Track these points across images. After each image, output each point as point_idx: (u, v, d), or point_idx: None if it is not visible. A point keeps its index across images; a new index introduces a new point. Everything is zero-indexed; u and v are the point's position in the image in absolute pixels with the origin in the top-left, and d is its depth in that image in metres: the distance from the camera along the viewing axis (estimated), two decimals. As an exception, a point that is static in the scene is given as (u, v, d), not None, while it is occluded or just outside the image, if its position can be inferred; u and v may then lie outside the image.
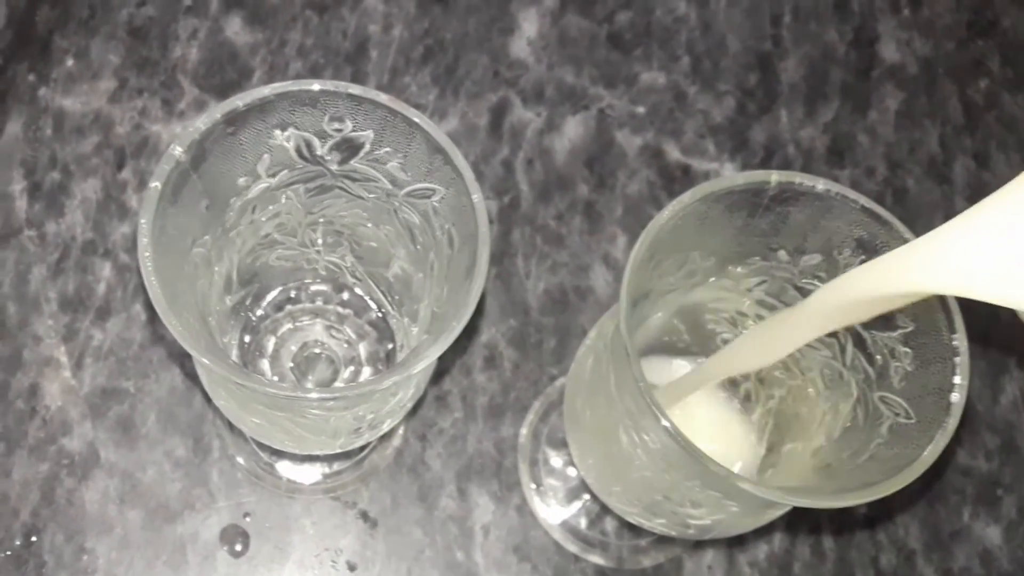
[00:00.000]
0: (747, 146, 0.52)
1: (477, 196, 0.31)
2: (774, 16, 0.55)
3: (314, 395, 0.31)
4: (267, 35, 0.53)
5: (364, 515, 0.45)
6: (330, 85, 0.32)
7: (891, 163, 0.53)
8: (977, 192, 0.52)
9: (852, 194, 0.32)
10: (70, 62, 0.52)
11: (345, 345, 0.43)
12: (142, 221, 0.30)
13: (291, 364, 0.43)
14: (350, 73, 0.52)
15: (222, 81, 0.52)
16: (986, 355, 0.50)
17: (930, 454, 0.29)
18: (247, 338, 0.42)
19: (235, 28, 0.53)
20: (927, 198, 0.52)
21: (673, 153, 0.52)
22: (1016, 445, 0.49)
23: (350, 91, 0.32)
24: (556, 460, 0.47)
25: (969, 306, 0.50)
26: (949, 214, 0.51)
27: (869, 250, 0.32)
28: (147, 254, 0.30)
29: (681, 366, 0.39)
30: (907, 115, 0.54)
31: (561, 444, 0.47)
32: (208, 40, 0.52)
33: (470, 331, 0.48)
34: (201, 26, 0.53)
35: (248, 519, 0.45)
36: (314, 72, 0.52)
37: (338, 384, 0.42)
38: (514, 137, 0.51)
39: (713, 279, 0.35)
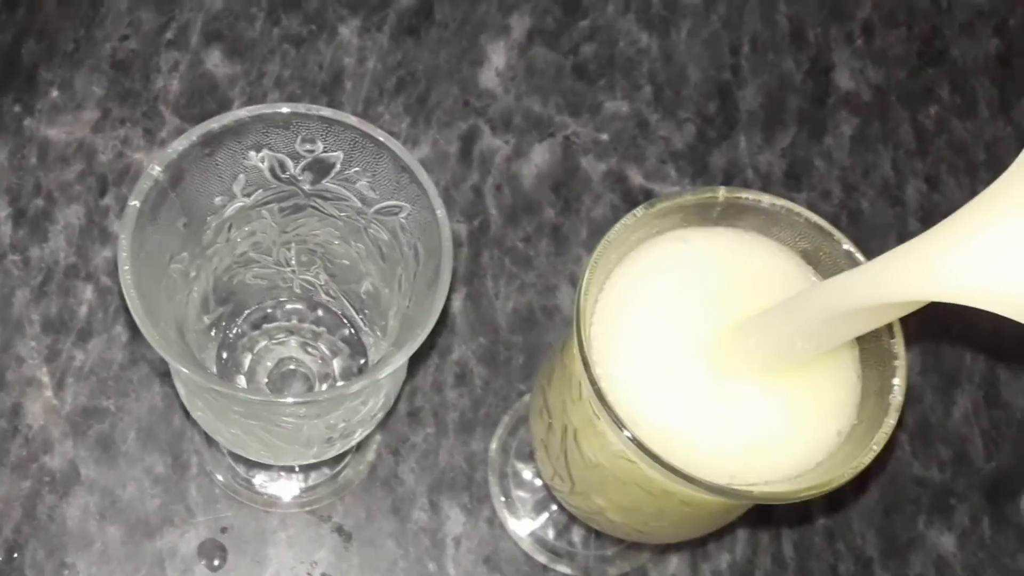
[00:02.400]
0: (707, 171, 0.54)
1: (441, 211, 0.33)
2: (733, 47, 0.57)
3: (287, 400, 0.33)
4: (246, 67, 0.55)
5: (339, 528, 0.47)
6: (301, 108, 0.34)
7: (846, 186, 0.55)
8: (929, 214, 0.54)
9: (796, 208, 0.34)
10: (55, 93, 0.53)
11: (319, 361, 0.44)
12: (122, 237, 0.32)
13: (267, 380, 0.44)
14: (326, 102, 0.54)
15: (202, 111, 0.54)
16: (939, 368, 0.52)
17: (871, 452, 0.31)
18: (224, 354, 0.43)
19: (215, 60, 0.55)
20: (881, 220, 0.54)
21: (636, 178, 0.54)
22: (968, 456, 0.50)
23: (321, 113, 0.34)
24: (525, 473, 0.49)
25: (921, 320, 0.52)
26: (902, 234, 0.54)
27: (813, 261, 0.34)
28: (126, 268, 0.32)
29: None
30: (861, 140, 0.56)
31: (529, 457, 0.48)
32: (189, 72, 0.54)
33: (442, 349, 0.50)
34: (182, 59, 0.55)
35: (226, 534, 0.46)
36: (291, 102, 0.54)
37: (312, 397, 0.44)
38: (483, 163, 0.53)
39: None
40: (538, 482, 0.48)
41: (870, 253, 0.52)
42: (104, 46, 0.55)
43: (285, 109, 0.34)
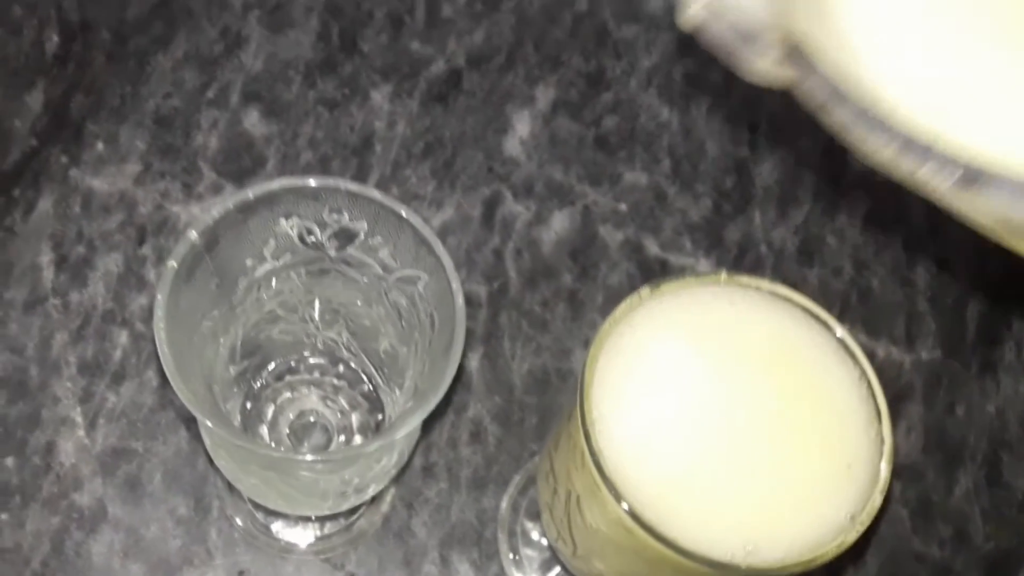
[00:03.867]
0: (722, 244, 0.56)
1: (456, 284, 0.35)
2: (751, 124, 0.59)
3: (305, 457, 0.35)
4: (281, 127, 0.57)
5: (350, 576, 0.48)
6: (330, 182, 0.36)
7: (857, 263, 0.56)
8: (937, 294, 0.56)
9: (791, 294, 0.35)
10: (100, 146, 0.56)
11: (339, 415, 0.46)
12: (159, 297, 0.34)
13: (288, 430, 0.46)
14: (356, 164, 0.57)
15: (238, 168, 0.56)
16: (942, 447, 0.53)
17: (855, 531, 0.32)
18: (248, 404, 0.45)
19: (252, 120, 0.57)
20: (890, 298, 0.56)
21: (652, 248, 0.55)
22: (968, 535, 0.51)
23: (348, 188, 0.36)
24: (533, 532, 0.50)
25: (926, 399, 0.54)
26: (911, 313, 0.55)
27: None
28: (161, 326, 0.34)
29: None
30: (873, 220, 0.58)
31: (538, 517, 0.50)
32: (227, 130, 0.57)
33: (458, 407, 0.51)
34: (221, 117, 0.57)
35: (241, 576, 0.48)
36: (323, 162, 0.57)
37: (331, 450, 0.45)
38: (505, 228, 0.55)
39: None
40: (545, 542, 0.50)
41: (877, 332, 0.54)
42: (148, 103, 0.57)
43: (315, 183, 0.36)
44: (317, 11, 0.60)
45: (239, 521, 0.49)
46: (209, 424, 0.33)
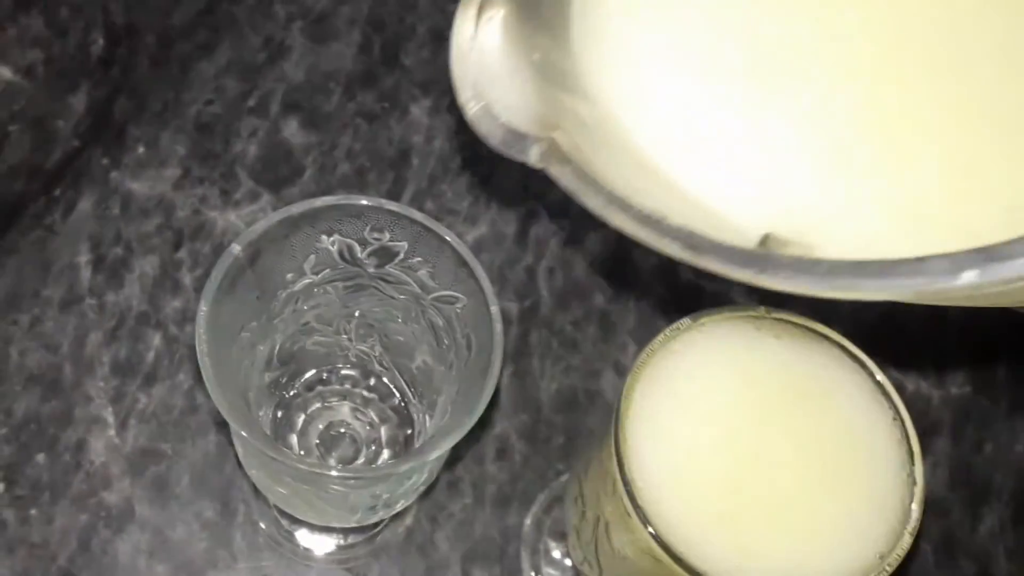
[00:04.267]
0: (754, 270, 0.56)
1: (495, 308, 0.36)
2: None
3: (337, 473, 0.35)
4: (320, 138, 0.58)
5: (372, 588, 0.49)
6: (373, 201, 0.37)
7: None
8: (969, 330, 0.55)
9: (831, 333, 0.36)
10: (141, 149, 0.57)
11: (368, 427, 0.47)
12: (202, 308, 0.34)
13: (317, 440, 0.46)
14: (392, 177, 0.57)
15: (276, 177, 0.57)
16: (968, 484, 0.53)
17: (884, 572, 0.32)
18: (279, 413, 0.46)
19: (292, 130, 0.58)
20: (922, 333, 0.56)
21: (686, 274, 0.56)
22: (991, 573, 0.51)
23: (390, 208, 0.37)
24: (556, 552, 0.50)
25: (953, 436, 0.53)
26: (942, 349, 0.55)
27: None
28: (203, 336, 0.34)
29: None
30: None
31: (561, 537, 0.50)
32: (266, 139, 0.58)
33: (485, 423, 0.52)
34: (261, 126, 0.58)
35: (265, 582, 0.48)
36: (360, 174, 0.57)
37: (359, 463, 0.46)
38: (538, 246, 0.56)
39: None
40: (568, 562, 0.50)
41: (907, 365, 0.54)
42: (190, 109, 0.58)
43: (362, 202, 0.36)
44: (360, 24, 0.61)
45: (264, 526, 0.49)
46: (244, 435, 0.34)
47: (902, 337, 0.55)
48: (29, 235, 0.54)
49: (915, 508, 0.33)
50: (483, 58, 0.30)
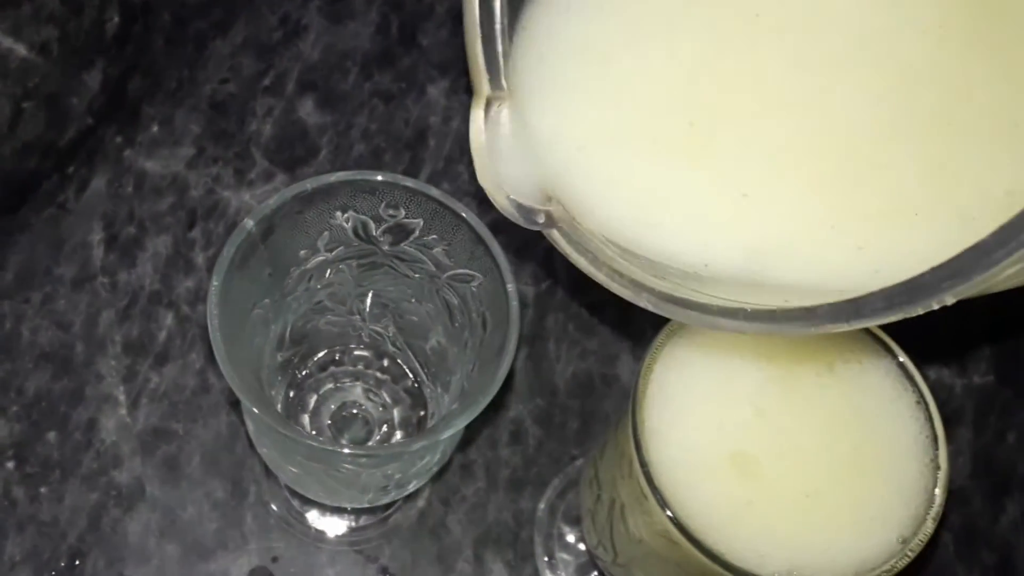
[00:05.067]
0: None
1: (511, 285, 0.35)
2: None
3: (349, 451, 0.35)
4: (335, 118, 0.57)
5: (384, 570, 0.48)
6: (389, 177, 0.36)
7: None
8: (993, 319, 0.54)
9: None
10: (155, 128, 0.56)
11: (381, 408, 0.46)
12: (214, 283, 0.34)
13: (329, 421, 0.46)
14: (408, 158, 0.56)
15: (291, 156, 0.56)
16: (990, 474, 0.52)
17: (906, 557, 0.32)
18: (292, 393, 0.45)
19: (307, 109, 0.57)
20: (945, 321, 0.55)
21: (703, 256, 0.55)
22: (1013, 563, 0.50)
23: (406, 184, 0.36)
24: (570, 536, 0.50)
25: (976, 425, 0.53)
26: (966, 337, 0.54)
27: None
28: (215, 311, 0.34)
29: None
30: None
31: (575, 521, 0.50)
32: (281, 118, 0.57)
33: (499, 406, 0.51)
34: (276, 105, 0.57)
35: (276, 563, 0.48)
36: (375, 154, 0.57)
37: (371, 444, 0.45)
38: (555, 229, 0.55)
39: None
40: (582, 547, 0.49)
41: (930, 354, 0.53)
42: (205, 87, 0.58)
43: (377, 177, 0.36)
44: (377, 3, 0.60)
45: (275, 507, 0.49)
46: (256, 412, 0.33)
47: (924, 325, 0.54)
48: (42, 213, 0.54)
49: (939, 493, 0.32)
50: (493, 144, 0.36)
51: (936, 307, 0.24)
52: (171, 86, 0.57)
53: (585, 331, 0.53)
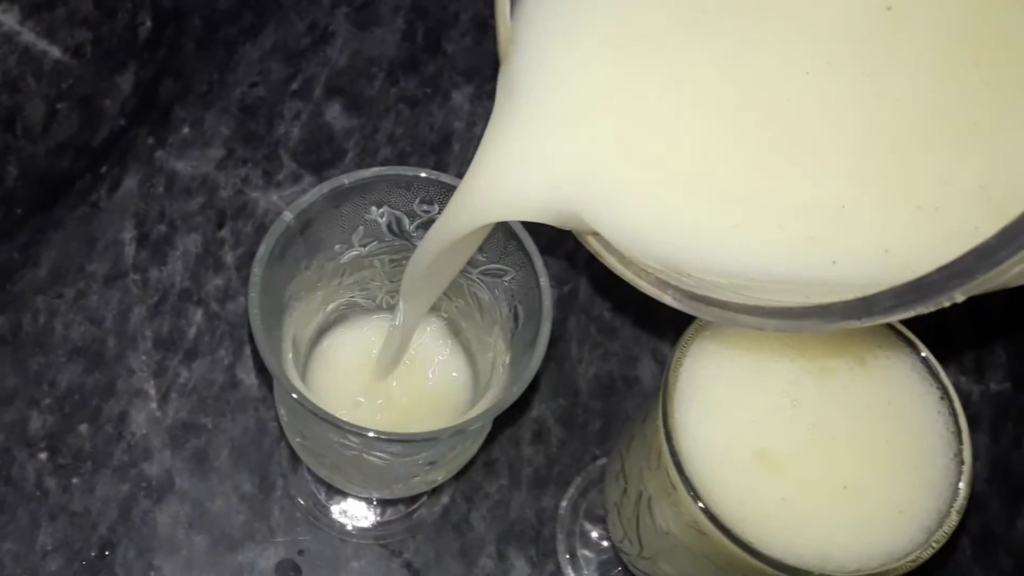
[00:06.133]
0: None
1: (544, 280, 0.36)
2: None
3: (383, 436, 0.36)
4: (362, 122, 0.58)
5: (408, 564, 0.49)
6: (424, 173, 0.37)
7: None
8: (1011, 326, 0.55)
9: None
10: (186, 130, 0.58)
11: (407, 402, 0.47)
12: (255, 272, 0.35)
13: (357, 415, 0.47)
14: (433, 162, 0.57)
15: (318, 159, 0.57)
16: (1007, 479, 0.52)
17: (930, 548, 0.32)
18: (321, 386, 0.46)
19: (334, 113, 0.58)
20: (963, 328, 0.55)
21: (723, 260, 0.56)
22: (1028, 567, 0.51)
23: (441, 179, 0.37)
24: (592, 533, 0.50)
25: (993, 430, 0.53)
26: (984, 344, 0.55)
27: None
28: (255, 299, 0.35)
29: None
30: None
31: (597, 519, 0.50)
32: (309, 122, 0.58)
33: (522, 405, 0.52)
34: (304, 109, 0.58)
35: (302, 556, 0.48)
36: (401, 158, 0.58)
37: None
38: (578, 232, 0.56)
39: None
40: (604, 543, 0.50)
41: (947, 360, 0.54)
42: (235, 91, 0.59)
43: (412, 173, 0.37)
44: (404, 11, 0.61)
45: (301, 501, 0.50)
46: (294, 397, 0.34)
47: (941, 331, 0.55)
48: (75, 211, 0.55)
49: (963, 487, 0.33)
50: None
51: (947, 304, 0.25)
52: (202, 89, 0.59)
53: (607, 333, 0.54)
